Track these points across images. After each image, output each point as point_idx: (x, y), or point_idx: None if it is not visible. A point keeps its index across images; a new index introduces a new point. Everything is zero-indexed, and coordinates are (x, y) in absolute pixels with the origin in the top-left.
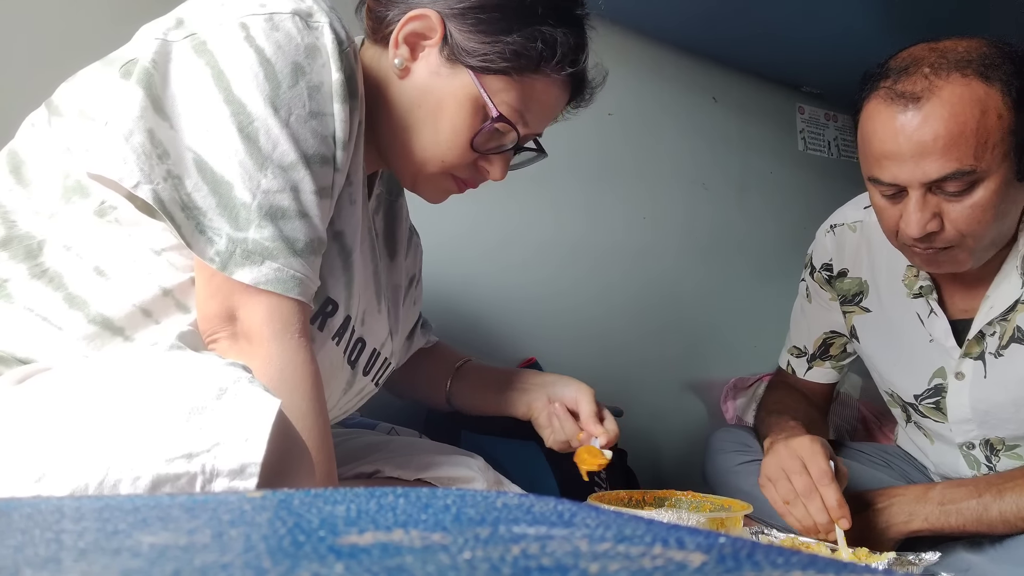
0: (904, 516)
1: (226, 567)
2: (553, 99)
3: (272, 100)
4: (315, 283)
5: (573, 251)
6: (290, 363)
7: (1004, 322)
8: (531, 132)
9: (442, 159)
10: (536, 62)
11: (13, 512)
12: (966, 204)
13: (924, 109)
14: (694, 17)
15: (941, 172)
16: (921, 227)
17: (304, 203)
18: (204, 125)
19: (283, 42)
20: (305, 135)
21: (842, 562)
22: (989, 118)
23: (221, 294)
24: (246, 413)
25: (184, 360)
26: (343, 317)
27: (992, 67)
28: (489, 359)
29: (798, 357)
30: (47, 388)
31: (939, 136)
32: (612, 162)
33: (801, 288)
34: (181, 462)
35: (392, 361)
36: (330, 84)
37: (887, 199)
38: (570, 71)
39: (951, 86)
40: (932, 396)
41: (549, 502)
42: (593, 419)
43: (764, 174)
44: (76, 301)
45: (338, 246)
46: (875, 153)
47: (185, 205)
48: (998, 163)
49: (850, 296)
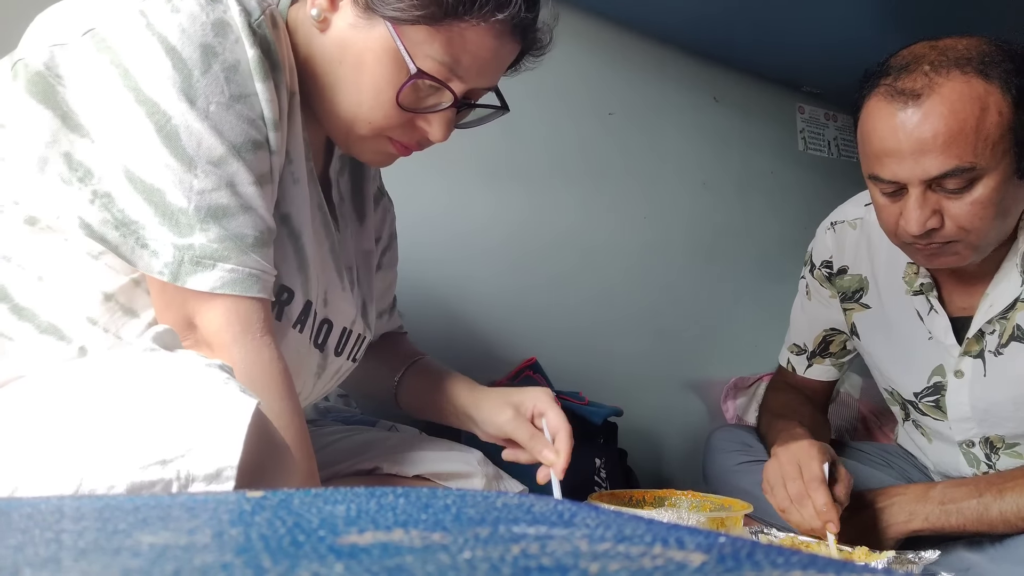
0: (904, 516)
1: (226, 567)
2: (488, 50)
3: (186, 92)
4: (272, 275)
5: (573, 250)
6: (255, 364)
7: (1004, 320)
8: (472, 87)
9: (368, 120)
10: (454, 8)
11: (13, 512)
12: (966, 201)
13: (924, 106)
14: (695, 17)
15: (941, 169)
16: (921, 224)
17: (244, 196)
18: (122, 133)
19: (187, 24)
20: (230, 123)
21: (842, 562)
22: (989, 115)
23: (175, 304)
24: (221, 415)
25: (158, 363)
26: (303, 303)
27: (992, 64)
28: (489, 359)
29: (798, 355)
30: (19, 397)
31: (939, 133)
32: (613, 161)
33: (801, 285)
34: (156, 468)
35: (368, 335)
36: (247, 62)
37: (887, 197)
38: (500, 16)
39: (951, 83)
40: (932, 394)
41: (549, 502)
42: (540, 440)
43: (764, 174)
44: (24, 313)
45: (287, 230)
46: (875, 150)
47: (120, 222)
48: (998, 160)
49: (850, 293)
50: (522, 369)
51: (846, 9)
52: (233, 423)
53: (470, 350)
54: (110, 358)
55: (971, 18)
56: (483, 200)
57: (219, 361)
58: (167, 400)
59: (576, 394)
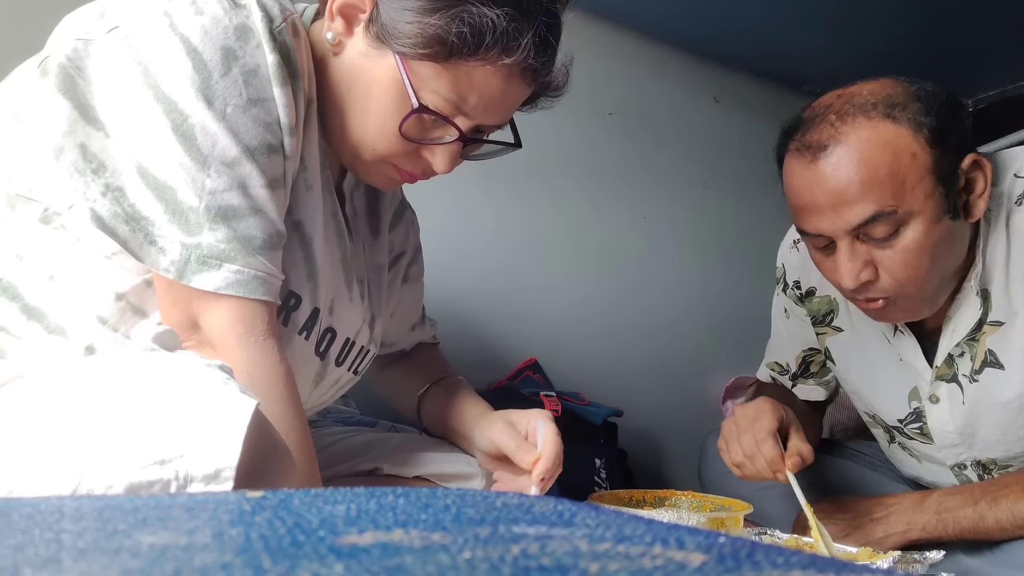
0: (902, 526)
1: (226, 567)
2: (496, 89)
3: (204, 92)
4: (279, 279)
5: (574, 251)
6: (258, 367)
7: (973, 343)
8: (478, 123)
9: (372, 147)
10: (459, 48)
11: (13, 512)
12: (897, 249)
13: (833, 156)
14: (695, 16)
15: (861, 217)
16: (854, 277)
17: (255, 198)
18: (138, 129)
19: (209, 26)
20: (246, 126)
21: (842, 562)
22: (902, 158)
23: (181, 302)
24: (220, 416)
25: (158, 363)
26: (310, 310)
27: (897, 107)
28: (490, 359)
29: (781, 375)
30: (18, 397)
31: (852, 181)
32: (613, 162)
33: (776, 304)
34: (154, 468)
35: (371, 349)
36: (266, 67)
37: (820, 252)
38: (507, 61)
39: (856, 130)
40: (915, 420)
41: (549, 502)
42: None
43: (764, 174)
44: (34, 312)
45: (297, 236)
46: (796, 206)
47: (130, 217)
48: (921, 203)
49: (821, 316)
50: (522, 369)
51: (847, 8)
52: (232, 424)
53: (470, 350)
54: (110, 358)
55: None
56: (483, 200)
57: (219, 362)
58: (166, 400)
59: (576, 394)
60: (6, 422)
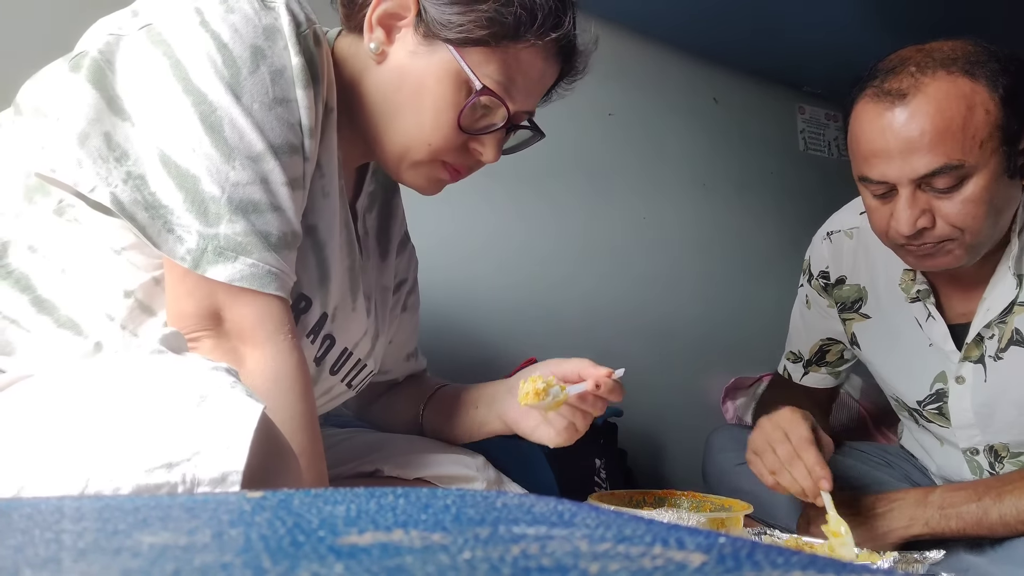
0: (905, 521)
1: (226, 567)
2: (539, 70)
3: (233, 87)
4: (291, 278)
5: (573, 251)
6: (285, 364)
7: (1002, 324)
8: (520, 108)
9: (428, 142)
10: (515, 28)
11: (13, 512)
12: (957, 200)
13: (911, 105)
14: (695, 18)
15: (929, 167)
16: (911, 224)
17: (276, 195)
18: (165, 119)
19: (240, 25)
20: (271, 123)
21: (842, 562)
22: (976, 113)
23: (200, 292)
24: (227, 419)
25: (165, 366)
26: (319, 314)
27: (977, 64)
28: (489, 359)
29: (794, 362)
30: (26, 398)
31: (926, 131)
32: (613, 162)
33: (800, 294)
34: (161, 472)
35: (369, 364)
36: (291, 69)
37: (877, 199)
38: (554, 36)
39: (937, 82)
40: (935, 401)
41: (549, 502)
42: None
43: (764, 174)
44: (45, 305)
45: (311, 241)
46: (864, 151)
47: (150, 204)
48: (987, 158)
49: (849, 303)
50: (521, 369)
51: (847, 8)
52: (239, 427)
53: (469, 350)
54: (117, 360)
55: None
56: (482, 200)
57: (225, 364)
58: (173, 403)
59: None
60: (14, 423)
